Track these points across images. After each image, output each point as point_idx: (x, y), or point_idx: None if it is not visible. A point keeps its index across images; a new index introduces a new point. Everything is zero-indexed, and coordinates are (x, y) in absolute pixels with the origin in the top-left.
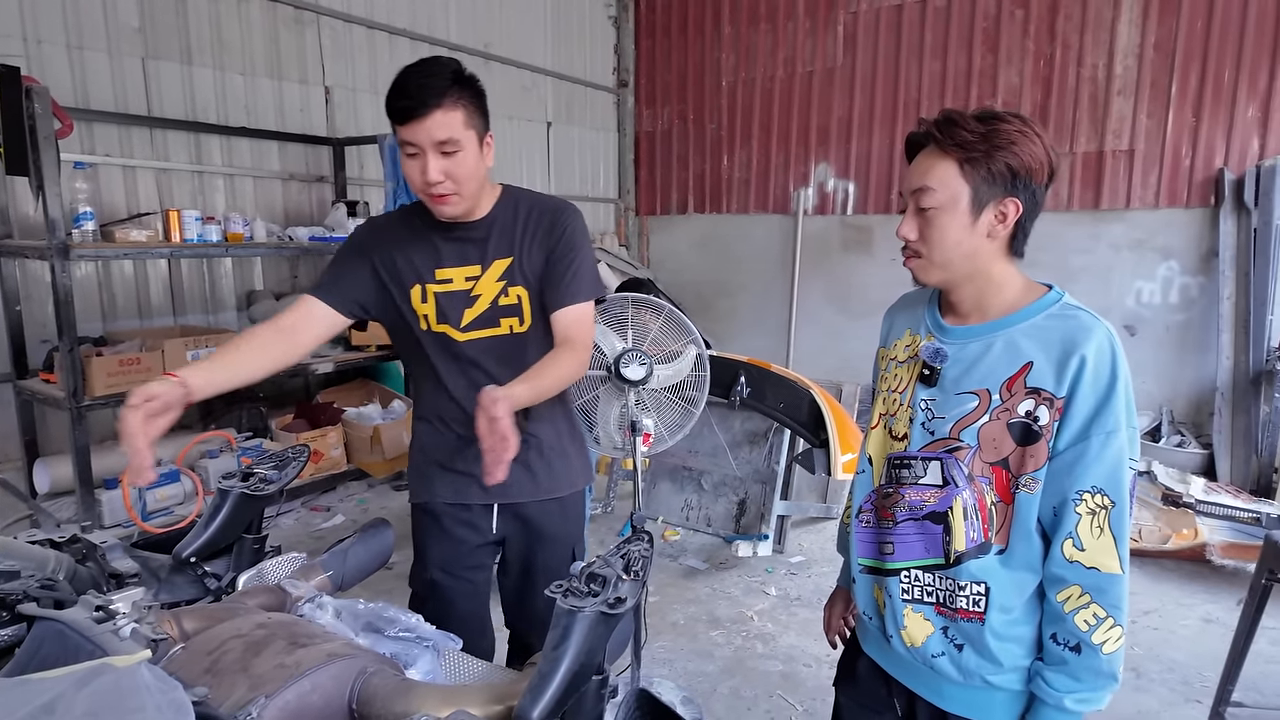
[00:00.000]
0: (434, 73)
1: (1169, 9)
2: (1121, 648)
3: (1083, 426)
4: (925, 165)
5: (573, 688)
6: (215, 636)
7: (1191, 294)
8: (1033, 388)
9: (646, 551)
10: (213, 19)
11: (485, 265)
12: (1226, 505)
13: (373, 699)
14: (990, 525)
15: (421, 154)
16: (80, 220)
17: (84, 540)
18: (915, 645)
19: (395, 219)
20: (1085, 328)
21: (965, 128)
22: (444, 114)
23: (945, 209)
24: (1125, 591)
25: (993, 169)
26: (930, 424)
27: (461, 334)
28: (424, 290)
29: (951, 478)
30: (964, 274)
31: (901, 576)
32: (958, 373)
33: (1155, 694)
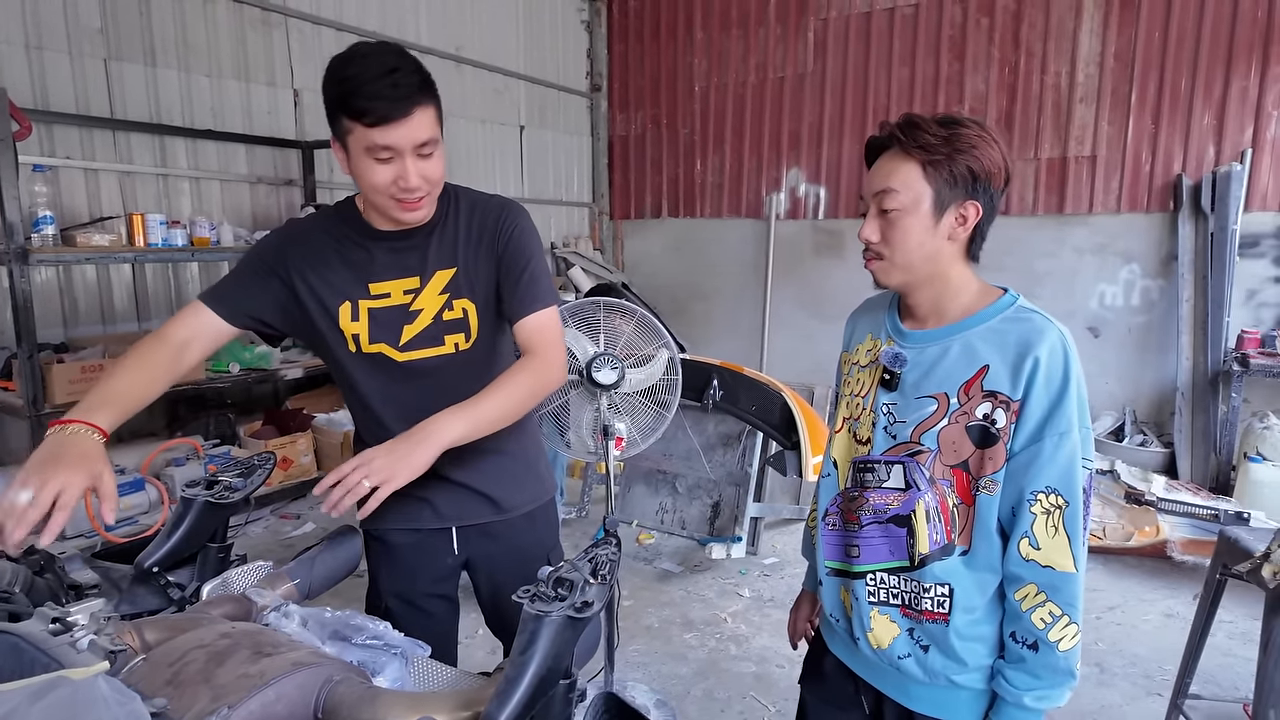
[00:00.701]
0: (400, 66)
1: (1128, 19)
2: (1078, 645)
3: (1036, 428)
4: (888, 167)
5: (540, 692)
6: (177, 647)
7: (1152, 296)
8: (989, 391)
9: (614, 555)
10: (177, 20)
11: (426, 277)
12: (1186, 503)
13: (338, 707)
14: (953, 527)
15: (399, 158)
16: (40, 224)
17: (41, 551)
18: (882, 647)
19: (316, 226)
20: (1039, 330)
21: (928, 131)
22: (422, 112)
23: (908, 211)
24: (1080, 590)
25: (955, 171)
26: (892, 428)
27: (400, 354)
28: (355, 307)
29: (913, 481)
30: (924, 276)
31: (868, 579)
32: (917, 377)
33: (1118, 688)
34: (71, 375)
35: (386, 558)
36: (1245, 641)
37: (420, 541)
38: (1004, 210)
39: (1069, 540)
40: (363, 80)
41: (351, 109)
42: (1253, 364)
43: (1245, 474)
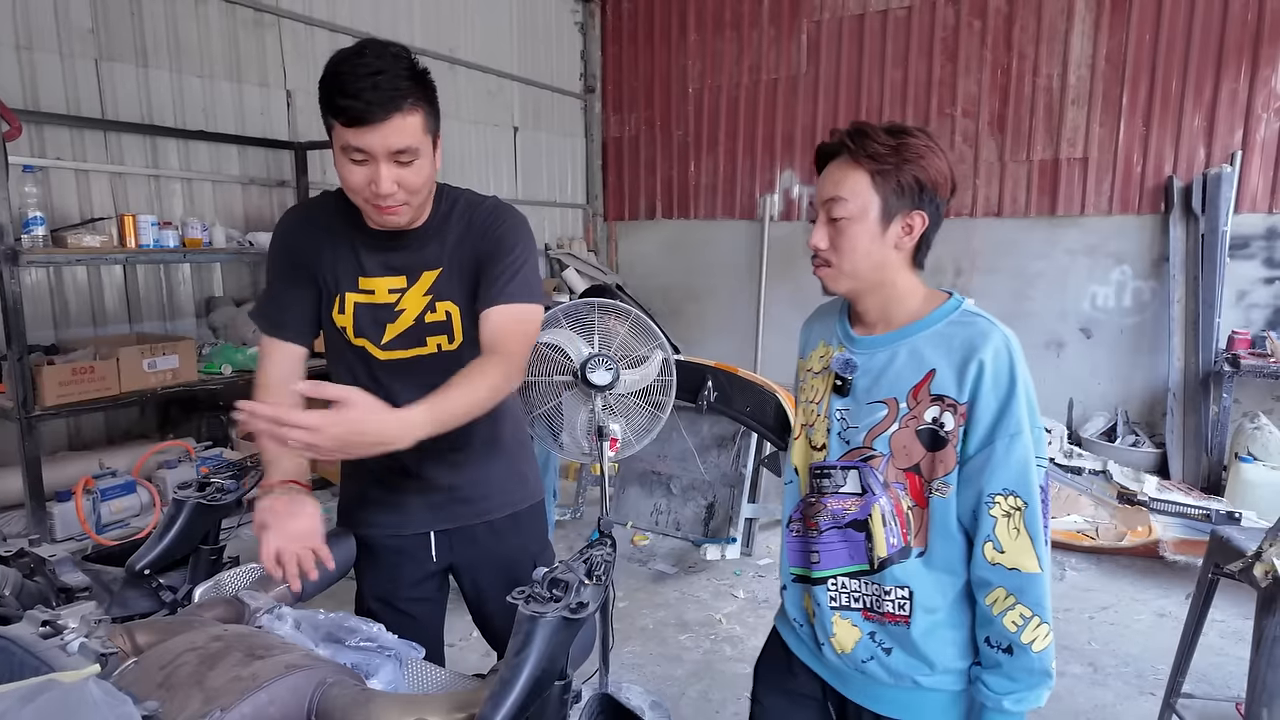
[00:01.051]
0: (387, 69)
1: (1119, 22)
2: (1051, 645)
3: (987, 431)
4: (838, 176)
5: (535, 694)
6: (169, 650)
7: (1144, 298)
8: (936, 394)
9: (609, 556)
10: (169, 20)
11: (412, 278)
12: (1178, 503)
13: (332, 710)
14: (909, 529)
15: (372, 161)
16: (30, 225)
17: (31, 554)
18: (845, 651)
19: (316, 212)
20: (983, 333)
21: (876, 140)
22: (403, 119)
23: (856, 219)
24: (1047, 589)
25: (902, 181)
26: (845, 433)
27: (381, 351)
28: (343, 299)
29: (868, 486)
30: (871, 283)
31: (829, 584)
32: (867, 382)
33: (1111, 688)
34: (62, 377)
35: (368, 560)
36: (1237, 640)
37: (400, 545)
38: (996, 212)
39: (1031, 541)
40: (347, 79)
41: (331, 105)
42: (1243, 364)
43: (1236, 474)
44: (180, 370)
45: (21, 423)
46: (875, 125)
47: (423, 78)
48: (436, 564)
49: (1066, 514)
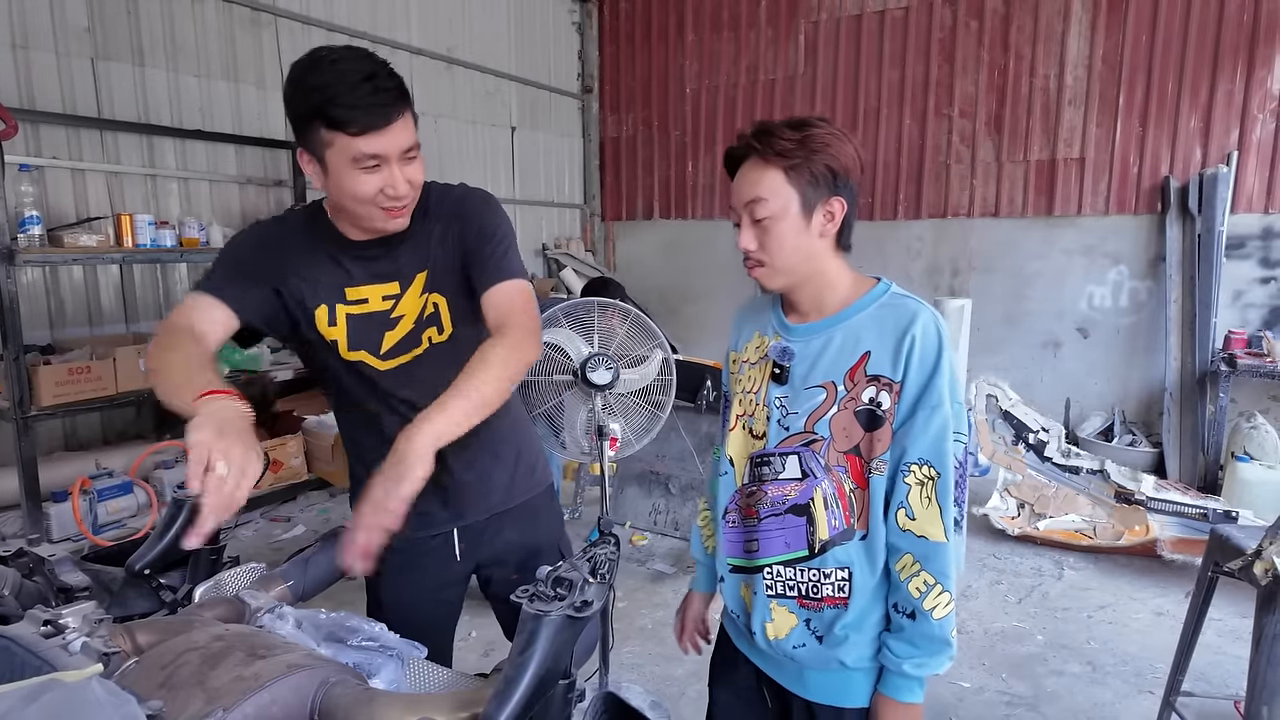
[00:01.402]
0: (376, 71)
1: (1115, 23)
2: (951, 614)
3: (912, 403)
4: (753, 177)
5: (539, 693)
6: (170, 650)
7: (1140, 298)
8: (873, 375)
9: (613, 555)
10: (165, 19)
11: (405, 282)
12: (1175, 502)
13: (335, 710)
14: (851, 512)
15: (386, 165)
16: (26, 224)
17: (30, 554)
18: (780, 638)
19: (287, 226)
20: (912, 313)
21: (782, 137)
22: (404, 118)
23: (779, 216)
24: (951, 559)
25: (815, 172)
26: (785, 420)
27: (382, 362)
28: (332, 311)
29: (810, 470)
30: (804, 275)
31: (765, 573)
32: (805, 368)
33: (1110, 686)
34: (58, 377)
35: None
36: (1234, 639)
37: (425, 548)
38: (993, 212)
39: (940, 511)
40: (340, 88)
41: (332, 119)
42: (1240, 364)
43: (1233, 473)
44: None
45: (18, 423)
46: (777, 122)
47: (399, 74)
48: (460, 565)
49: (1064, 513)
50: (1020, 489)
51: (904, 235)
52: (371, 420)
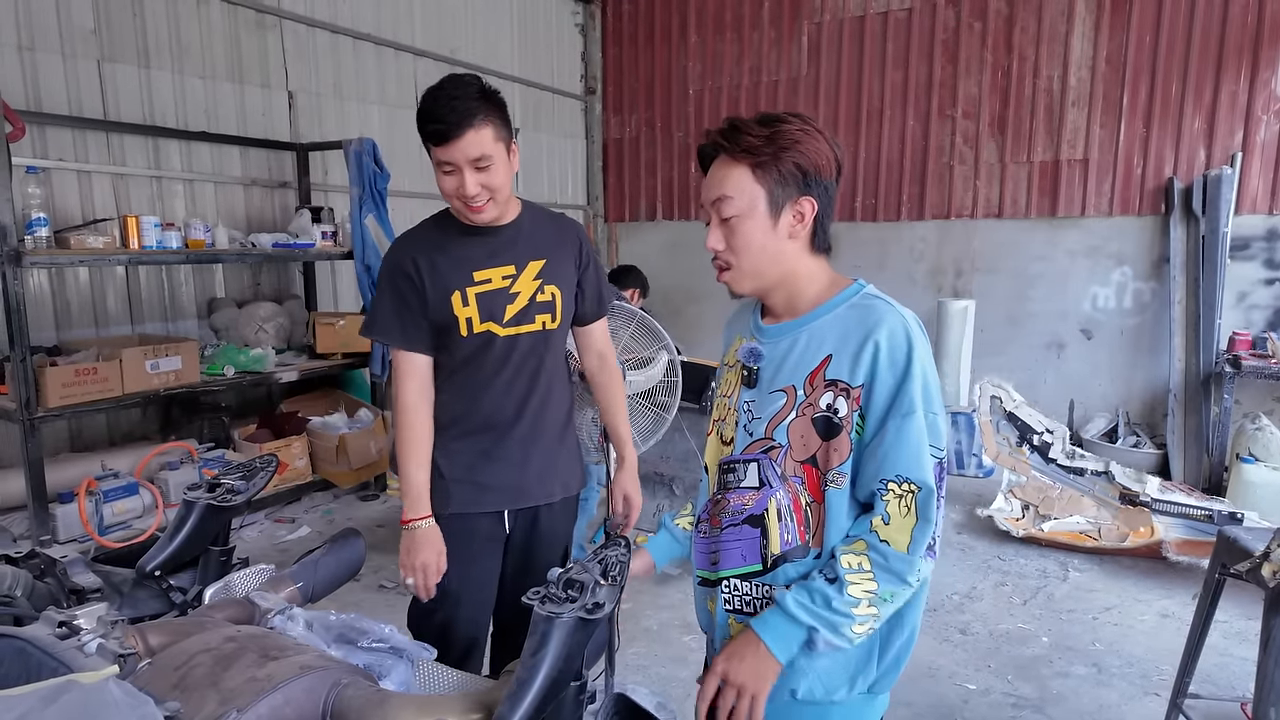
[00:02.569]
0: (460, 94)
1: (1119, 24)
2: (860, 606)
3: (881, 413)
4: (720, 174)
5: (552, 694)
6: (183, 651)
7: (1144, 299)
8: (830, 380)
9: (624, 556)
10: (171, 21)
11: (520, 265)
12: (1180, 503)
13: (347, 711)
14: (806, 528)
15: (458, 171)
16: (33, 226)
17: (42, 555)
18: None
19: (420, 236)
20: (879, 315)
21: (750, 133)
22: (475, 133)
23: (745, 215)
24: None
25: (783, 170)
26: (750, 425)
27: (504, 329)
28: (464, 294)
29: (766, 479)
30: (774, 279)
31: (723, 586)
32: (771, 371)
33: (1116, 688)
34: (65, 379)
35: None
36: (1241, 641)
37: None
38: (997, 213)
39: (917, 520)
40: (428, 107)
41: (422, 131)
42: (1244, 365)
43: (1238, 474)
44: (183, 371)
45: (24, 424)
46: (748, 119)
47: (491, 97)
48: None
49: (1069, 515)
50: (1025, 490)
51: (907, 236)
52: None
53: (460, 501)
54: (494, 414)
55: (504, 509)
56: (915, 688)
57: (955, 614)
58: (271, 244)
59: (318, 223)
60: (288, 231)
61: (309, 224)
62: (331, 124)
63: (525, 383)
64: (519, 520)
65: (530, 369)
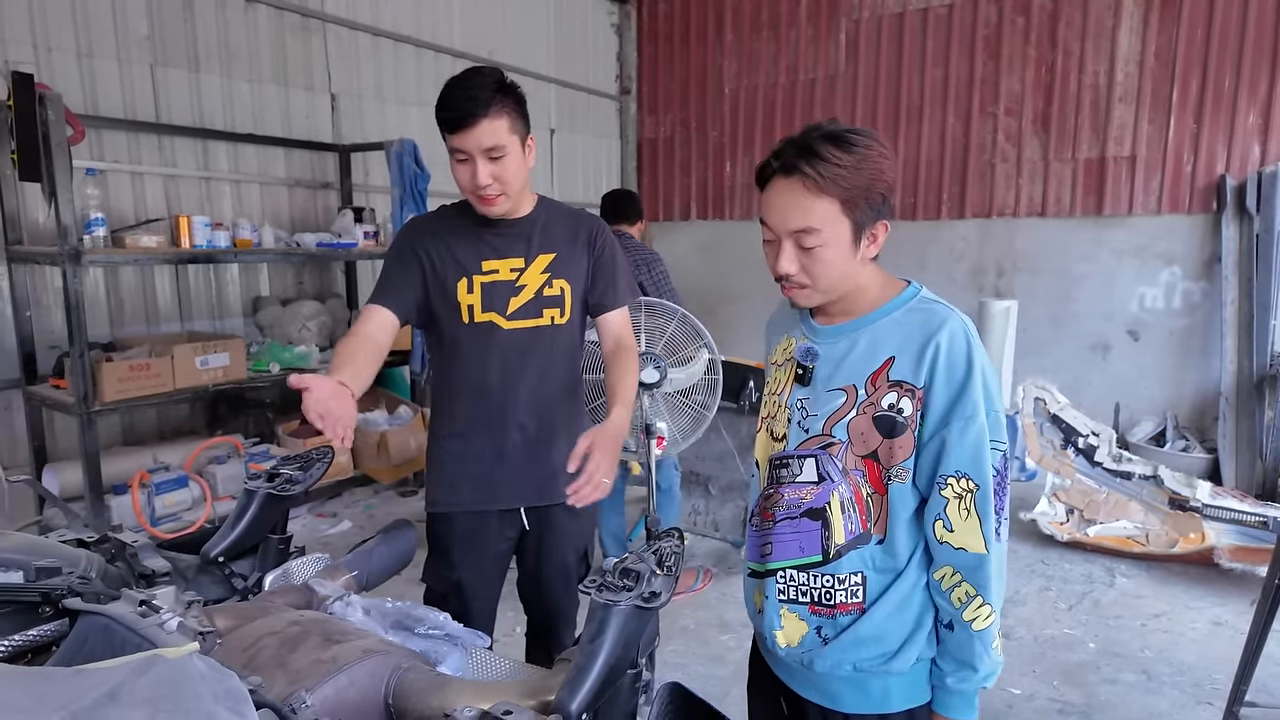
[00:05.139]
0: (478, 84)
1: (1169, 17)
2: (992, 626)
3: (943, 414)
4: (803, 204)
5: (610, 681)
6: (250, 633)
7: (1194, 299)
8: (895, 381)
9: (678, 548)
10: (220, 26)
11: (529, 258)
12: (1233, 509)
13: (408, 694)
14: (868, 517)
15: (471, 159)
16: (91, 226)
17: (114, 540)
18: (791, 645)
19: (437, 217)
20: (940, 319)
21: (835, 162)
22: (490, 123)
23: (830, 245)
24: (992, 571)
25: (870, 200)
26: (805, 422)
27: (507, 321)
28: (470, 281)
29: (827, 473)
30: (844, 292)
31: (777, 577)
32: (828, 370)
33: (1167, 696)
34: (120, 374)
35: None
36: None
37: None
38: (1040, 212)
39: (980, 522)
40: (446, 95)
41: (438, 118)
42: None
43: None
44: (231, 368)
45: (82, 417)
46: (818, 137)
47: (510, 90)
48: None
49: (1115, 519)
50: (1069, 494)
51: (947, 235)
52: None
53: (471, 499)
54: (503, 409)
55: (518, 506)
56: None
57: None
58: (315, 243)
59: (359, 223)
60: (330, 231)
61: (351, 224)
62: (373, 125)
63: (534, 378)
64: (536, 518)
65: (538, 364)
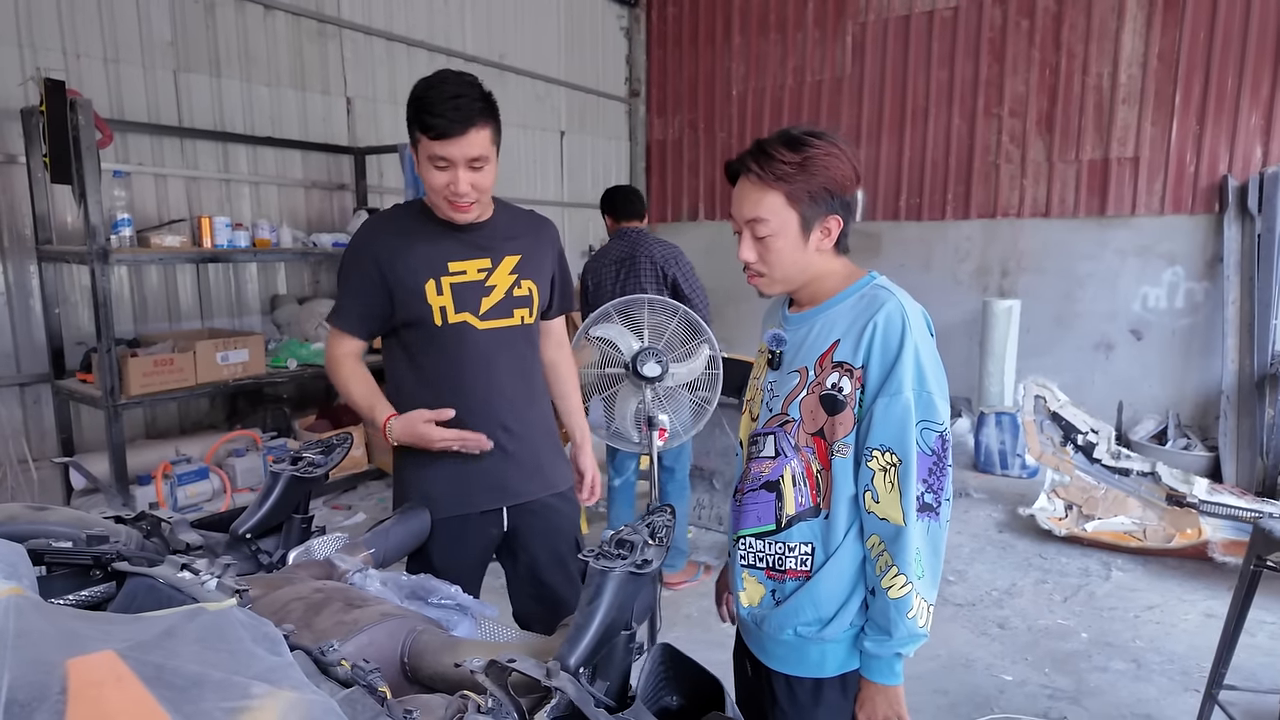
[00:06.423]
0: (465, 93)
1: (1172, 20)
2: (907, 595)
3: (874, 390)
4: (753, 197)
5: (605, 639)
6: (278, 599)
7: (1197, 299)
8: (838, 361)
9: (669, 521)
10: (240, 32)
11: (496, 259)
12: (1228, 505)
13: (423, 652)
14: (818, 492)
15: (453, 167)
16: (118, 226)
17: (150, 516)
18: (753, 604)
19: (394, 219)
20: (879, 302)
21: (781, 159)
22: (477, 133)
23: (779, 234)
24: (912, 544)
25: (813, 194)
26: (770, 402)
27: (481, 322)
28: (439, 283)
29: (781, 449)
30: (802, 282)
31: (739, 544)
32: (791, 354)
33: (1155, 683)
34: (145, 369)
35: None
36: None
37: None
38: (1044, 212)
39: (901, 495)
40: (433, 102)
41: (420, 123)
42: None
43: None
44: (250, 364)
45: (109, 410)
46: (775, 140)
47: (490, 100)
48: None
49: (1113, 515)
50: (1068, 490)
51: (952, 235)
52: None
53: (451, 505)
54: (485, 409)
55: (500, 506)
56: (951, 677)
57: (994, 609)
58: (331, 243)
59: None
60: (346, 231)
61: None
62: (387, 128)
63: (508, 378)
64: (518, 515)
65: (512, 364)
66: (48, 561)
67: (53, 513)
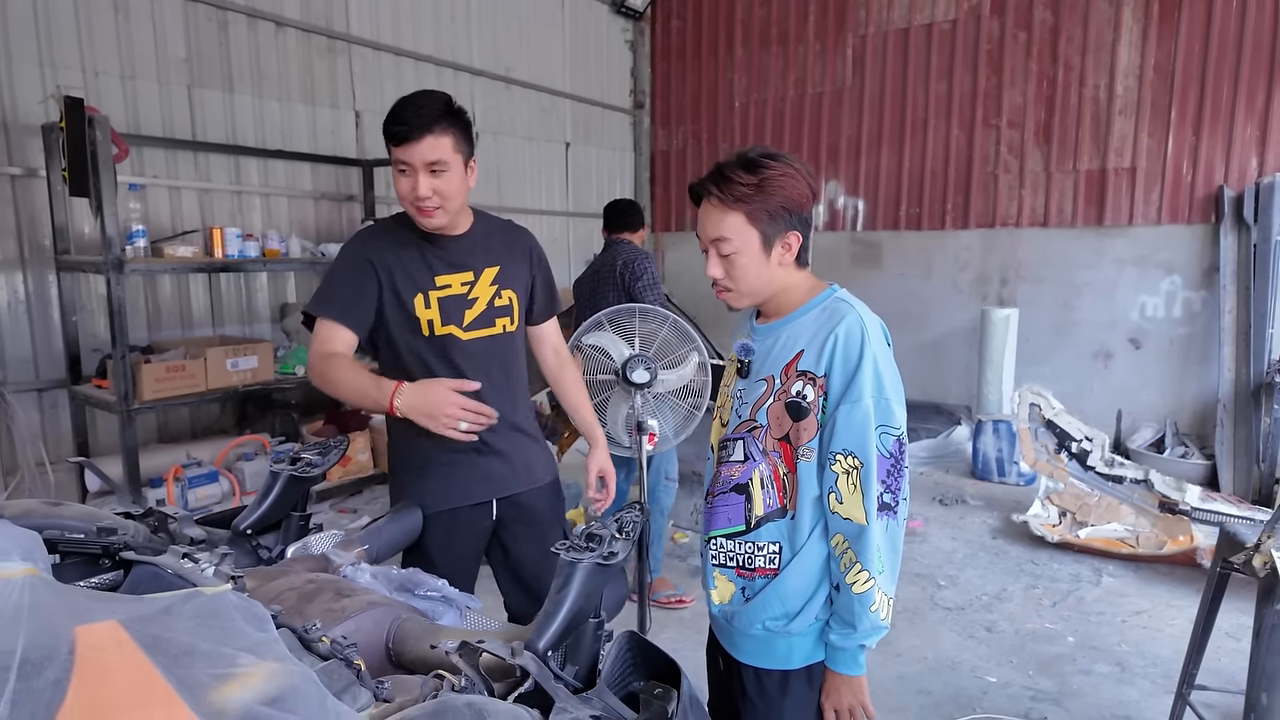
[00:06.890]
0: (426, 104)
1: (1167, 32)
2: (869, 591)
3: (836, 398)
4: (716, 218)
5: (573, 625)
6: (273, 588)
7: (1194, 308)
8: (802, 370)
9: (638, 518)
10: (252, 49)
11: (477, 272)
12: (1220, 512)
13: (406, 638)
14: (785, 494)
15: (413, 172)
16: (134, 237)
17: (157, 512)
18: (723, 602)
19: (385, 230)
20: (840, 315)
21: (740, 181)
22: (434, 139)
23: (742, 252)
24: (874, 542)
25: (772, 213)
26: (740, 409)
27: (465, 333)
28: (427, 297)
29: (750, 453)
30: (767, 296)
31: (711, 544)
32: (759, 363)
33: (1137, 686)
34: (158, 375)
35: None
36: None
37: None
38: (1042, 222)
39: (864, 496)
40: (397, 111)
41: (386, 132)
42: None
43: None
44: (259, 370)
45: (123, 415)
46: (731, 162)
47: (456, 113)
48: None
49: (1106, 522)
50: (1062, 497)
51: (951, 245)
52: None
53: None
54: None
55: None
56: (936, 678)
57: (982, 613)
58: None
59: None
60: None
61: None
62: None
63: (495, 381)
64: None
65: (497, 369)
66: (61, 550)
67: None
